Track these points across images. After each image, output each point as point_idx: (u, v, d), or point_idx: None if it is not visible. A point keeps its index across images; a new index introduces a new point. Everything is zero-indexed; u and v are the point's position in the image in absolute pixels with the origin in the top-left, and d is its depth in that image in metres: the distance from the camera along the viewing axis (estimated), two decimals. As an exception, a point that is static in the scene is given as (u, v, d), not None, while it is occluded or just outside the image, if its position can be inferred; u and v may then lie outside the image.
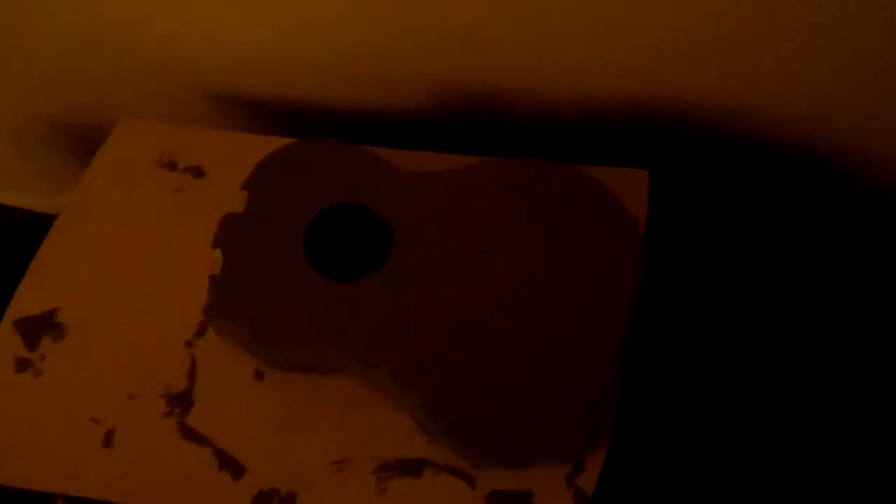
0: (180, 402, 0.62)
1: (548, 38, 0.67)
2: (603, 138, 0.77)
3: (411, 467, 0.58)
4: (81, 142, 0.97)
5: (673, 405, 0.65)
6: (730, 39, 0.62)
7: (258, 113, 0.87)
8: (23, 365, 0.64)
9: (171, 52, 0.80)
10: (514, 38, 0.68)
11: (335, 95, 0.81)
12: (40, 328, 0.65)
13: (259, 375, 0.62)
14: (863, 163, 0.71)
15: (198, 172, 0.72)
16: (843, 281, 0.70)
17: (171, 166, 0.73)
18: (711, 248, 0.71)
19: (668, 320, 0.66)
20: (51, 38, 0.82)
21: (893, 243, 0.72)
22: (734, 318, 0.68)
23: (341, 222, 0.64)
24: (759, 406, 0.65)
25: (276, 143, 0.67)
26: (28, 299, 0.67)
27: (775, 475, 0.63)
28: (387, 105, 0.80)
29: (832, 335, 0.67)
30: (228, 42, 0.76)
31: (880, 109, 0.66)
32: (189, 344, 0.64)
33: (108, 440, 0.61)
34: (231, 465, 0.59)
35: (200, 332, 0.64)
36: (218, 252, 0.60)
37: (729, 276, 0.70)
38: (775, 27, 0.60)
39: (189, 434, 0.61)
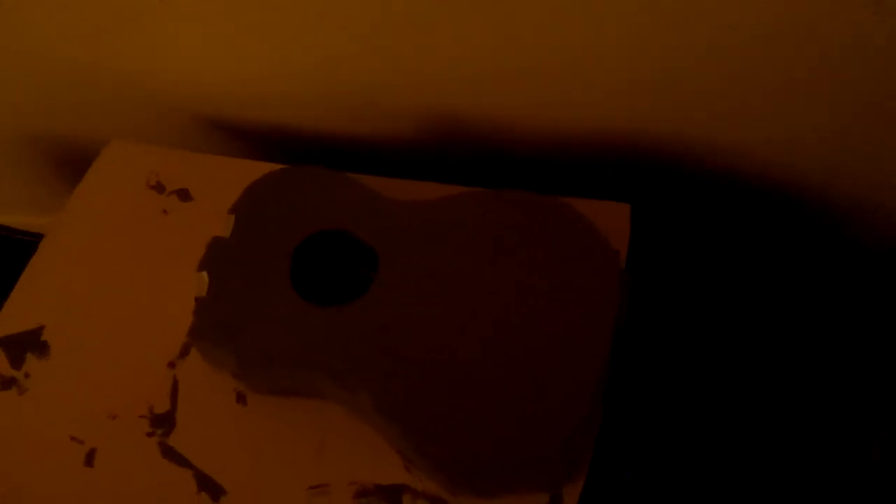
0: (162, 423, 0.62)
1: (534, 73, 0.68)
2: (586, 172, 0.79)
3: (390, 493, 0.59)
4: (70, 162, 0.98)
5: (653, 436, 0.65)
6: (714, 79, 0.64)
7: (246, 138, 0.88)
8: (7, 383, 0.64)
9: (162, 80, 0.81)
10: (500, 74, 0.69)
11: (322, 123, 0.82)
12: (25, 346, 0.66)
13: (241, 398, 0.63)
14: (842, 200, 0.73)
15: (185, 196, 0.73)
16: (826, 309, 0.71)
17: (159, 188, 0.74)
18: (692, 280, 0.72)
19: (649, 352, 0.67)
20: (41, 65, 0.83)
21: (872, 272, 0.74)
22: (714, 349, 0.69)
23: (326, 248, 0.64)
24: (738, 436, 0.66)
25: (263, 168, 0.67)
26: (14, 317, 0.67)
27: (755, 498, 0.64)
28: (374, 134, 0.81)
29: (811, 367, 0.68)
30: (217, 70, 0.77)
31: (861, 149, 0.67)
32: (172, 365, 0.65)
33: (89, 460, 0.61)
34: (211, 487, 0.60)
35: (184, 353, 0.65)
36: (204, 275, 0.61)
37: (709, 309, 0.71)
38: (758, 68, 0.61)
39: (170, 455, 0.61)
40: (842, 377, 0.68)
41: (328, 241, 0.64)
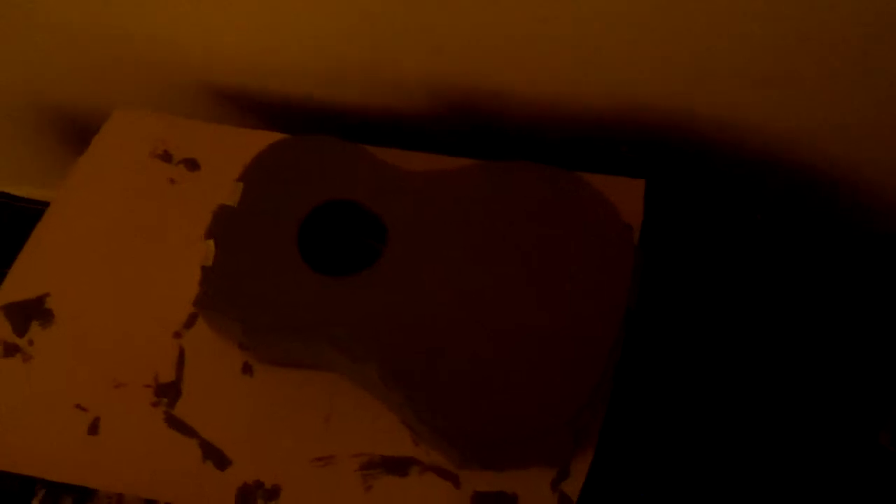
0: (167, 392, 0.62)
1: (548, 44, 0.67)
2: (600, 147, 0.78)
3: (397, 466, 0.58)
4: (76, 130, 0.97)
5: (662, 413, 0.65)
6: (730, 54, 0.63)
7: (254, 109, 0.87)
8: (11, 350, 0.64)
9: (169, 47, 0.80)
10: (516, 44, 0.68)
11: (332, 94, 0.81)
12: (29, 314, 0.65)
13: (247, 369, 0.62)
14: (857, 180, 0.72)
15: (192, 165, 0.72)
16: (835, 293, 0.70)
17: (166, 157, 0.73)
18: (705, 257, 0.71)
19: (660, 327, 0.67)
20: (45, 31, 0.82)
21: (881, 257, 0.73)
22: (726, 326, 0.68)
23: (335, 218, 0.64)
24: (748, 413, 0.65)
25: (271, 138, 0.66)
26: (18, 285, 0.67)
27: (762, 480, 0.63)
28: (385, 105, 0.80)
29: (824, 346, 0.68)
30: (226, 38, 0.77)
31: (881, 129, 0.66)
32: (178, 335, 0.64)
33: (93, 428, 0.61)
34: (216, 457, 0.59)
35: (190, 323, 0.64)
36: (210, 243, 0.60)
37: (722, 285, 0.70)
38: (776, 44, 0.61)
39: (175, 424, 0.61)
40: (851, 363, 0.68)
41: (337, 210, 0.63)
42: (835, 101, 0.65)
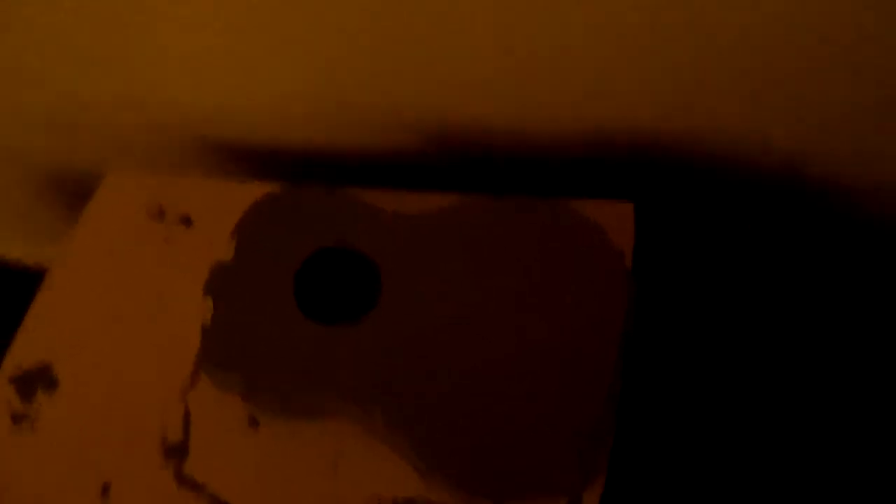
0: (176, 451, 0.62)
1: (533, 75, 0.68)
2: (589, 171, 0.78)
3: (407, 508, 0.58)
4: (70, 191, 0.98)
5: (665, 436, 0.65)
6: (715, 73, 0.63)
7: (246, 157, 0.88)
8: (18, 419, 0.64)
9: (161, 106, 0.81)
10: (498, 77, 0.69)
11: (323, 138, 0.82)
12: (35, 382, 0.66)
13: (253, 422, 0.63)
14: (844, 195, 0.72)
15: (186, 221, 0.73)
16: (828, 312, 0.70)
17: (160, 216, 0.74)
18: (698, 278, 0.71)
19: (658, 353, 0.67)
20: (38, 96, 0.83)
21: (872, 274, 0.73)
22: (723, 347, 0.68)
23: (330, 266, 0.64)
24: (751, 437, 0.65)
25: (262, 189, 0.67)
26: (22, 354, 0.67)
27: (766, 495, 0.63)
28: (373, 145, 0.81)
29: (818, 364, 0.68)
30: (216, 93, 0.77)
31: (865, 146, 0.67)
32: (183, 393, 0.64)
33: (104, 492, 0.61)
34: (228, 514, 0.59)
35: (194, 381, 0.65)
36: (208, 300, 0.61)
37: (716, 305, 0.70)
38: (760, 62, 0.61)
39: (185, 483, 0.61)
40: (850, 374, 0.68)
41: (331, 258, 0.63)
42: (827, 111, 0.65)
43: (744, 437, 0.65)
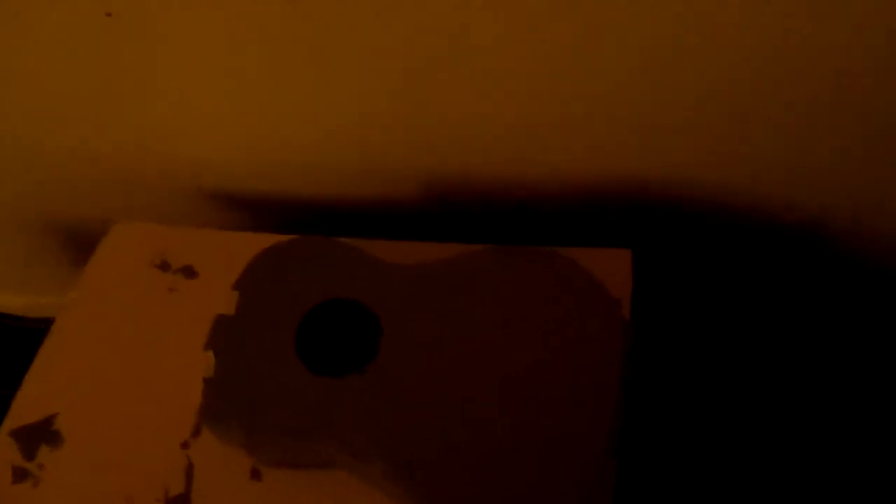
0: (178, 504, 0.62)
1: (534, 128, 0.69)
2: (587, 219, 0.79)
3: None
4: (75, 241, 0.99)
5: (667, 483, 0.65)
6: (713, 121, 0.64)
7: (249, 208, 0.89)
8: (20, 475, 0.64)
9: (163, 158, 0.82)
10: (499, 133, 0.70)
11: (324, 190, 0.83)
12: (38, 437, 0.66)
13: (256, 474, 0.63)
14: (844, 240, 0.73)
15: (190, 272, 0.74)
16: (828, 356, 0.70)
17: (164, 267, 0.74)
18: (697, 324, 0.72)
19: (657, 397, 0.67)
20: (40, 150, 0.84)
21: (873, 315, 0.73)
22: (723, 395, 0.68)
23: (332, 318, 0.64)
24: (751, 480, 0.65)
25: (266, 240, 0.68)
26: (25, 408, 0.67)
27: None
28: (375, 197, 0.82)
29: (818, 410, 0.68)
30: (219, 146, 0.79)
31: (854, 192, 0.67)
32: (186, 445, 0.64)
33: (107, 547, 0.61)
34: (230, 568, 0.59)
35: (196, 432, 0.65)
36: (210, 354, 0.61)
37: (716, 352, 0.70)
38: (755, 109, 0.62)
39: (188, 536, 0.61)
40: (856, 408, 0.68)
41: (333, 310, 0.64)
42: (816, 151, 0.66)
43: (743, 484, 0.65)
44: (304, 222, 0.88)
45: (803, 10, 0.53)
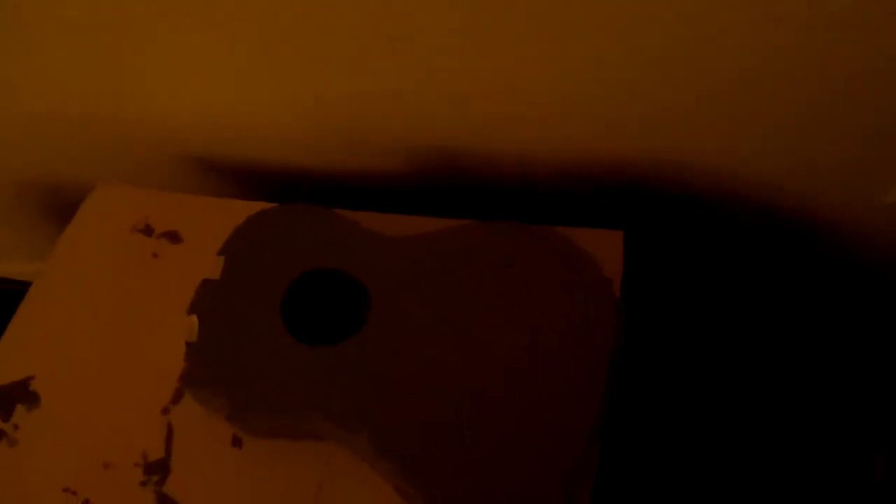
0: (157, 470, 0.61)
1: (531, 104, 0.68)
2: (580, 200, 0.78)
3: (391, 533, 0.58)
4: (57, 205, 0.97)
5: (652, 466, 0.65)
6: (707, 103, 0.64)
7: (236, 177, 0.88)
8: (-4, 435, 0.63)
9: (150, 122, 0.80)
10: (498, 106, 0.69)
11: (313, 160, 0.82)
12: (14, 397, 0.65)
13: (237, 442, 0.62)
14: (836, 226, 0.73)
15: (174, 238, 0.72)
16: (821, 334, 0.71)
17: (148, 232, 0.73)
18: (687, 306, 0.72)
19: (645, 380, 0.67)
20: (29, 113, 0.82)
21: (867, 292, 0.73)
22: (711, 376, 0.68)
23: (318, 287, 0.64)
24: (737, 461, 0.65)
25: (252, 207, 0.67)
26: (2, 368, 0.66)
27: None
28: (366, 169, 0.81)
29: (809, 388, 0.68)
30: (207, 111, 0.77)
31: (849, 183, 0.67)
32: (166, 411, 0.64)
33: (83, 510, 0.60)
34: (208, 535, 0.59)
35: (177, 398, 0.64)
36: (194, 318, 0.60)
37: (705, 334, 0.70)
38: (754, 93, 0.62)
39: (166, 502, 0.60)
40: (842, 396, 0.68)
41: (319, 279, 0.63)
42: (811, 143, 0.66)
43: (732, 467, 0.65)
44: (293, 193, 0.87)
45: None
